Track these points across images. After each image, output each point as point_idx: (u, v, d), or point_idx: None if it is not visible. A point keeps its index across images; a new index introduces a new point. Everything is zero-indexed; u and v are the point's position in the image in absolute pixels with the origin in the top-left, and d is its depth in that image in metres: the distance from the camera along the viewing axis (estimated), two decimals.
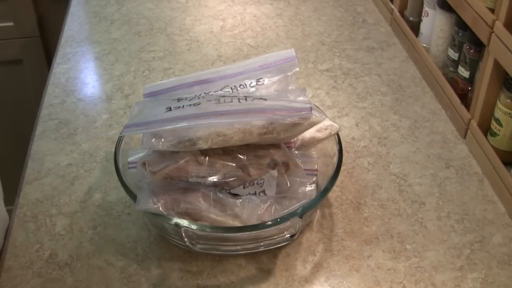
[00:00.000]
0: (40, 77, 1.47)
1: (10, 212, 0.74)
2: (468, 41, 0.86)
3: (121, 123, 0.89)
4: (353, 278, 0.67)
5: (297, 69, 0.73)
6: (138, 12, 1.21)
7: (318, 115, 0.67)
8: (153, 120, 0.64)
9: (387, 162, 0.83)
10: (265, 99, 0.66)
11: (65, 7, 1.25)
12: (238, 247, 0.66)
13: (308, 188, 0.67)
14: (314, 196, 0.66)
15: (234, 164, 0.65)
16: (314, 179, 0.70)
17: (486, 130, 0.82)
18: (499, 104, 0.78)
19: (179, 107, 0.65)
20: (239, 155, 0.65)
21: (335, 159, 0.70)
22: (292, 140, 0.71)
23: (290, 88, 0.73)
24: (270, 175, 0.66)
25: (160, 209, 0.63)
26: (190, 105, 0.65)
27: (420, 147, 0.86)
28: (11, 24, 1.50)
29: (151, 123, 0.63)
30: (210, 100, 0.66)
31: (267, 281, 0.66)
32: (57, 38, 1.13)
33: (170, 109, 0.65)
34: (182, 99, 0.68)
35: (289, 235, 0.64)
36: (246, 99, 0.66)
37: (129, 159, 0.71)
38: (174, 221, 0.62)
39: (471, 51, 0.85)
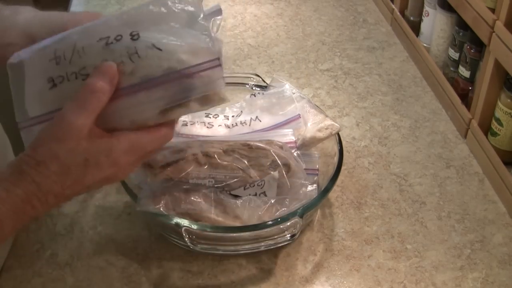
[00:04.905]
0: None
1: None
2: (468, 41, 0.86)
3: None
4: (353, 278, 0.67)
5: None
6: None
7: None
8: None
9: (388, 162, 0.83)
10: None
11: (66, 7, 1.25)
12: (239, 247, 0.66)
13: (309, 188, 0.67)
14: (314, 196, 0.66)
15: (235, 165, 0.65)
16: (315, 178, 0.70)
17: (486, 130, 0.82)
18: (499, 104, 0.78)
19: (60, 81, 0.52)
20: (240, 156, 0.65)
21: (336, 159, 0.70)
22: (294, 139, 0.71)
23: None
24: (271, 177, 0.66)
25: (161, 209, 0.63)
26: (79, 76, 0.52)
27: (420, 147, 0.86)
28: None
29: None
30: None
31: (268, 281, 0.66)
32: None
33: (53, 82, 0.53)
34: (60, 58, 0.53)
35: (289, 235, 0.64)
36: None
37: None
38: (174, 221, 0.62)
39: (472, 51, 0.85)
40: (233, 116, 0.76)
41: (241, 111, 0.77)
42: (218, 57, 0.52)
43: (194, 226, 0.61)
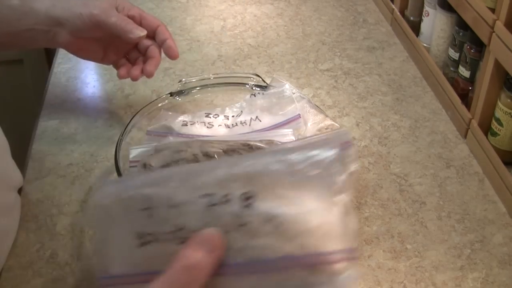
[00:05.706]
0: (40, 77, 1.47)
1: None
2: (468, 41, 0.86)
3: (122, 123, 0.89)
4: None
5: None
6: None
7: None
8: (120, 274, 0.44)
9: (388, 162, 0.83)
10: None
11: None
12: None
13: None
14: None
15: None
16: None
17: (486, 130, 0.82)
18: (499, 104, 0.78)
19: (151, 240, 0.43)
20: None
21: None
22: (294, 139, 0.71)
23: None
24: None
25: None
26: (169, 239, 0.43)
27: (420, 147, 0.86)
28: None
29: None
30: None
31: None
32: None
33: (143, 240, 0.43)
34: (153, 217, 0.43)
35: None
36: None
37: (130, 158, 0.71)
38: None
39: (472, 51, 0.85)
40: (233, 116, 0.76)
41: (241, 111, 0.77)
42: (354, 247, 0.40)
43: None
